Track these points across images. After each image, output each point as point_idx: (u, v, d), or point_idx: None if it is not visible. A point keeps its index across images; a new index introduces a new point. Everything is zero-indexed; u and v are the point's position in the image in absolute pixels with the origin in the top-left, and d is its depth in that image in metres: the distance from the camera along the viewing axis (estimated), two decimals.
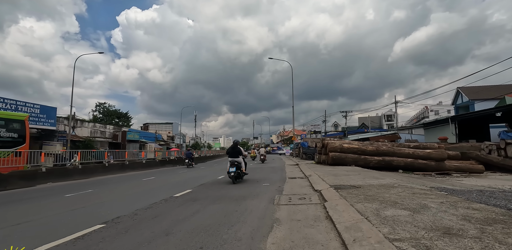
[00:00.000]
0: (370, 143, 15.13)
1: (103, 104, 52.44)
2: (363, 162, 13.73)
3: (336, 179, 7.86)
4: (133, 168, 17.15)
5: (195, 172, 15.07)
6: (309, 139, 26.69)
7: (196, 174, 13.93)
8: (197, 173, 14.68)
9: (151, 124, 60.18)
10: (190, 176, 12.51)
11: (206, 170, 17.01)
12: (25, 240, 3.39)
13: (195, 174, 13.49)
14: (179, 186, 8.70)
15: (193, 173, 14.69)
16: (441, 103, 68.89)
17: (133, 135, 39.89)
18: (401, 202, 4.25)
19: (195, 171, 16.40)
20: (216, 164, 24.20)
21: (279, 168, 15.17)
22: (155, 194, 7.14)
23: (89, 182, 10.95)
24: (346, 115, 47.91)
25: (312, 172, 10.62)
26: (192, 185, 8.67)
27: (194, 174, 13.91)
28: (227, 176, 9.37)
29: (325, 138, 16.79)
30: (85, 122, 34.34)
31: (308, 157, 23.95)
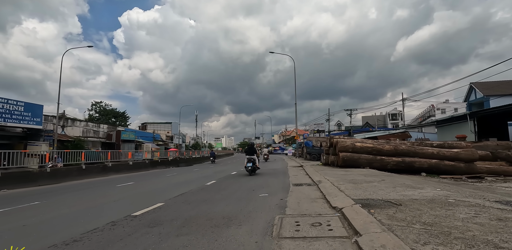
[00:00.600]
0: (386, 141, 13.12)
1: (99, 103, 50.70)
2: (379, 163, 11.71)
3: (357, 188, 5.86)
4: (117, 170, 15.24)
5: (184, 176, 13.12)
6: (313, 138, 24.67)
7: (184, 178, 11.97)
8: (187, 176, 12.74)
9: (150, 124, 58.37)
10: (174, 182, 10.54)
11: (198, 172, 15.03)
12: None
13: (181, 179, 11.53)
14: (151, 197, 6.75)
15: (181, 177, 12.73)
16: (447, 101, 66.78)
17: (128, 135, 38.06)
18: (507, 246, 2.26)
19: (188, 173, 14.47)
20: (212, 166, 22.23)
21: (281, 171, 13.18)
22: (109, 211, 5.19)
23: (51, 190, 9.03)
24: (351, 113, 45.84)
25: (321, 177, 8.63)
26: (169, 194, 6.71)
27: (181, 178, 11.95)
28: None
29: (334, 136, 14.79)
30: (76, 121, 32.53)
31: (313, 157, 21.94)
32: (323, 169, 11.69)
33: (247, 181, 9.08)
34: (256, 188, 7.36)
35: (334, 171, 10.70)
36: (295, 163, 20.00)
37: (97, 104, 50.31)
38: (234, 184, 8.36)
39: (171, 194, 6.84)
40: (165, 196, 6.53)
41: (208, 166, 21.08)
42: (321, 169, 12.03)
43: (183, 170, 17.56)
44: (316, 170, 11.22)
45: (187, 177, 12.12)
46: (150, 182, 10.72)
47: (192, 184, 8.79)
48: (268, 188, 7.19)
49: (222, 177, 10.64)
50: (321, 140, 23.35)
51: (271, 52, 30.12)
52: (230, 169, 16.15)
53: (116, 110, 51.70)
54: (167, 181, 10.60)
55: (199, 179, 10.54)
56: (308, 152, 22.31)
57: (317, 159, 21.83)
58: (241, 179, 9.82)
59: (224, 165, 22.00)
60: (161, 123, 60.30)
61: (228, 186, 7.86)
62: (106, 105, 51.29)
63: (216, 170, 15.44)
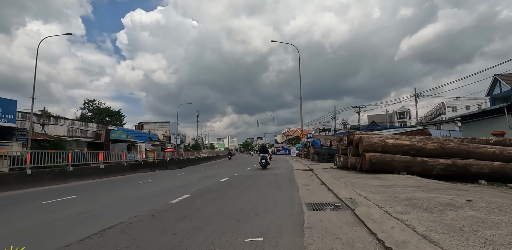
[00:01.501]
0: (425, 138, 9.84)
1: (93, 102, 47.85)
2: (421, 167, 8.47)
3: (453, 227, 2.66)
4: (81, 176, 12.14)
5: (157, 185, 9.93)
6: (322, 137, 21.41)
7: (150, 190, 8.78)
8: (158, 186, 9.57)
9: (146, 123, 55.44)
10: (129, 196, 7.23)
11: (179, 179, 11.85)
12: None
13: (145, 191, 8.24)
14: (81, 224, 3.62)
15: (151, 186, 9.52)
16: (458, 99, 63.31)
17: (119, 135, 35.02)
18: None
19: (165, 181, 11.32)
20: (204, 169, 19.07)
21: (286, 177, 9.96)
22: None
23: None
24: (359, 110, 42.49)
25: (349, 190, 5.44)
26: (113, 219, 3.58)
27: (148, 189, 8.70)
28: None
29: (354, 131, 11.51)
30: (60, 119, 29.63)
31: (322, 158, 18.70)
32: (343, 175, 8.47)
33: (232, 199, 5.90)
34: (242, 215, 4.15)
35: (361, 178, 7.48)
36: (302, 165, 16.77)
37: (90, 102, 47.47)
38: (210, 204, 5.17)
39: (118, 217, 3.68)
40: (107, 221, 3.36)
41: (199, 169, 17.91)
42: (341, 175, 8.80)
43: (166, 175, 14.42)
44: (335, 177, 8.00)
45: (157, 187, 8.85)
46: (106, 194, 7.55)
47: (150, 203, 5.60)
48: (264, 218, 3.97)
49: (201, 189, 7.45)
50: (331, 138, 20.14)
51: (273, 41, 26.97)
52: (222, 173, 13.02)
53: (110, 109, 48.83)
54: (122, 195, 7.38)
55: (170, 192, 7.33)
56: (316, 152, 19.09)
57: (327, 160, 18.61)
58: (224, 193, 6.65)
59: (219, 168, 18.84)
60: (158, 122, 57.32)
61: (197, 211, 4.66)
62: (100, 104, 48.46)
63: (204, 176, 12.31)
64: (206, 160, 32.41)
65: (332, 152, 18.66)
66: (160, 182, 10.15)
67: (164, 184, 9.58)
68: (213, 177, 11.22)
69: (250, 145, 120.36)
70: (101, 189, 8.80)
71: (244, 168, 15.99)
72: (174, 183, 9.34)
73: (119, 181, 11.15)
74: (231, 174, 12.24)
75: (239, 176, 11.22)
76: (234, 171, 14.41)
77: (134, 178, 12.48)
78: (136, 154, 25.20)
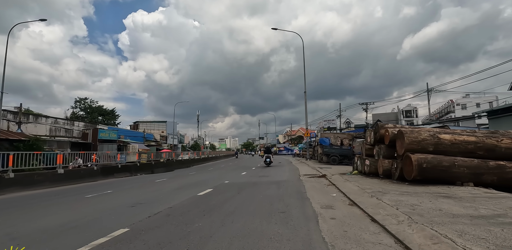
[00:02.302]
0: (492, 132, 6.89)
1: (84, 100, 45.16)
2: (497, 175, 5.56)
3: None
4: (25, 184, 9.33)
5: (104, 200, 7.06)
6: (331, 135, 18.46)
7: (95, 207, 5.89)
8: (114, 201, 6.70)
9: (142, 123, 52.71)
10: (25, 232, 4.46)
11: (150, 189, 8.96)
12: None
13: (78, 215, 5.41)
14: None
15: (102, 200, 6.65)
16: (468, 96, 60.15)
17: (109, 134, 32.30)
18: None
19: (132, 191, 8.46)
20: (193, 173, 16.22)
21: (293, 191, 6.91)
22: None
23: None
24: (367, 108, 39.58)
25: (432, 234, 2.57)
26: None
27: (93, 207, 5.84)
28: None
29: (385, 124, 8.49)
30: (41, 118, 26.92)
31: (332, 160, 15.78)
32: (379, 188, 5.56)
33: (208, 235, 3.01)
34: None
35: (413, 195, 4.58)
36: (310, 169, 13.87)
37: (81, 100, 44.76)
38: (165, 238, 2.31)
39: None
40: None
41: (187, 173, 15.02)
42: (374, 187, 5.88)
43: (140, 182, 11.55)
44: (369, 192, 5.09)
45: (93, 208, 5.90)
46: (29, 216, 4.72)
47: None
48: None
49: (156, 215, 4.53)
50: (342, 136, 17.26)
51: (274, 29, 24.09)
52: (210, 180, 10.18)
53: (103, 107, 46.10)
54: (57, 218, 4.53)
55: (97, 222, 4.42)
56: (326, 152, 16.18)
57: (338, 162, 15.71)
58: (187, 226, 3.75)
59: (211, 171, 15.97)
60: (154, 122, 54.59)
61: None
62: (92, 102, 45.75)
63: (185, 184, 9.45)
64: (202, 162, 29.56)
65: (345, 153, 15.76)
66: (115, 196, 7.26)
67: (117, 200, 6.69)
68: (195, 186, 8.36)
69: (251, 145, 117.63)
70: (30, 208, 5.95)
71: (239, 172, 13.12)
72: (133, 199, 6.45)
73: (60, 193, 8.24)
74: (220, 181, 9.40)
75: (229, 184, 8.37)
76: (226, 176, 11.58)
77: (93, 187, 9.59)
78: (128, 155, 22.53)
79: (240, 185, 8.21)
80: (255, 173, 12.28)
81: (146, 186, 9.20)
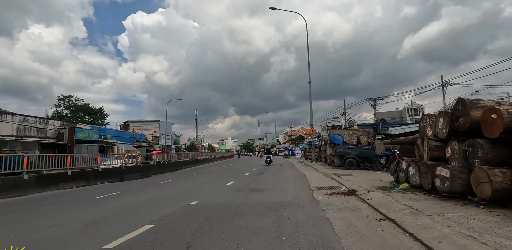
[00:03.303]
0: None
1: (69, 98, 41.37)
2: None
3: None
4: None
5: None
6: (345, 131, 14.65)
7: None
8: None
9: (133, 122, 48.98)
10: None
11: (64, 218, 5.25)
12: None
13: None
14: None
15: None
16: (477, 93, 56.61)
17: (88, 134, 28.60)
18: None
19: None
20: (170, 180, 12.52)
21: (315, 243, 3.27)
22: None
23: None
24: (375, 104, 35.89)
25: None
26: None
27: None
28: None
29: (479, 101, 4.82)
30: (5, 115, 23.26)
31: (349, 163, 12.02)
32: None
33: None
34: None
35: None
36: (321, 176, 10.13)
37: (65, 98, 40.96)
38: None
39: None
40: None
41: (156, 183, 11.19)
42: None
43: (68, 198, 7.84)
44: None
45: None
46: None
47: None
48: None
49: None
50: (359, 133, 13.52)
51: (272, 8, 20.42)
52: (171, 198, 6.44)
53: (89, 106, 42.36)
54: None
55: None
56: (339, 153, 12.38)
57: (356, 166, 11.99)
58: None
59: (191, 179, 12.25)
60: (146, 121, 50.88)
61: None
62: (77, 100, 42.02)
63: (123, 207, 5.68)
64: (191, 164, 25.82)
65: (365, 154, 12.04)
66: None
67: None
68: (133, 214, 4.66)
69: (251, 146, 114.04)
70: None
71: (225, 182, 9.38)
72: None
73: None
74: (186, 201, 5.70)
75: (191, 212, 4.68)
76: (203, 189, 7.86)
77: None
78: (111, 157, 19.00)
79: (211, 213, 4.50)
80: (246, 184, 8.57)
81: (48, 214, 5.45)
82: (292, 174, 11.45)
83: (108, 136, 36.71)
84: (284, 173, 12.30)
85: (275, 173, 12.41)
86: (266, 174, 11.98)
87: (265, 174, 12.25)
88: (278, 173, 12.41)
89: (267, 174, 12.21)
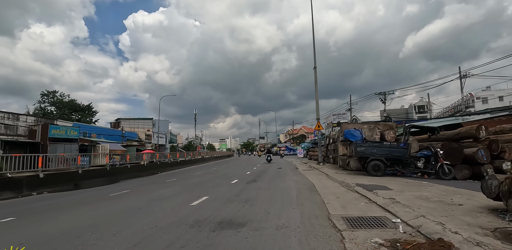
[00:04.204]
0: None
1: (53, 93, 38.03)
2: None
3: None
4: None
5: None
6: (364, 125, 11.11)
7: None
8: None
9: (124, 120, 45.73)
10: None
11: None
12: None
13: None
14: None
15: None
16: (489, 89, 53.19)
17: (66, 131, 25.30)
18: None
19: None
20: (128, 190, 9.18)
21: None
22: None
23: None
24: (385, 98, 32.52)
25: None
26: None
27: None
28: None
29: None
30: None
31: (374, 167, 8.60)
32: None
33: None
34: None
35: None
36: (339, 188, 6.74)
37: (49, 94, 37.61)
38: None
39: None
40: None
41: (104, 196, 7.86)
42: None
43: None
44: None
45: None
46: None
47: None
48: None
49: None
50: (384, 128, 10.15)
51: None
52: (106, 226, 3.18)
53: (75, 102, 39.04)
54: None
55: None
56: (360, 153, 8.82)
57: (383, 172, 8.61)
58: None
59: (154, 190, 8.90)
60: (139, 119, 47.61)
61: None
62: (63, 96, 38.71)
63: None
64: (180, 166, 22.57)
65: (396, 154, 8.63)
66: None
67: None
68: None
69: (251, 145, 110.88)
70: None
71: (192, 199, 5.97)
72: None
73: None
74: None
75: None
76: (136, 222, 4.49)
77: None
78: (96, 157, 16.16)
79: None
80: (222, 204, 5.23)
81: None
82: (295, 184, 8.09)
83: (94, 134, 33.51)
84: (284, 181, 8.93)
85: (271, 181, 9.07)
86: (259, 183, 8.63)
87: (258, 182, 8.91)
88: (275, 181, 9.05)
89: (261, 182, 8.87)
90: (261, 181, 9.05)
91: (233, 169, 16.54)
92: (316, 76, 15.67)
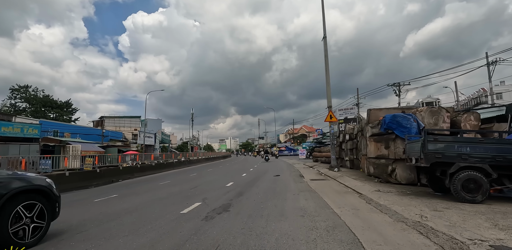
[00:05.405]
0: None
1: (26, 88, 33.52)
2: None
3: None
4: None
5: None
6: (423, 110, 6.53)
7: None
8: None
9: (109, 118, 41.27)
10: None
11: None
12: None
13: None
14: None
15: None
16: (503, 84, 48.62)
17: (21, 129, 20.85)
18: None
19: None
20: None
21: None
22: None
23: None
24: (399, 90, 28.15)
25: None
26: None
27: None
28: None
29: None
30: None
31: (469, 186, 4.11)
32: None
33: None
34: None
35: None
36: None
37: (20, 89, 33.07)
38: None
39: None
40: None
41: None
42: None
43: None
44: None
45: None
46: None
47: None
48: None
49: None
50: (453, 113, 5.76)
51: None
52: None
53: (50, 98, 34.49)
54: None
55: None
56: (437, 155, 4.28)
57: (483, 194, 4.16)
58: None
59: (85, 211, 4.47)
60: (125, 117, 43.17)
61: None
62: (37, 91, 34.21)
63: None
64: (163, 169, 18.26)
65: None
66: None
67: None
68: None
69: (250, 145, 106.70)
70: None
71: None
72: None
73: None
74: None
75: None
76: None
77: None
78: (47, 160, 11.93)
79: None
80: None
81: None
82: (306, 229, 3.64)
83: (67, 133, 29.06)
84: (282, 214, 4.41)
85: (255, 210, 4.60)
86: (230, 217, 4.19)
87: (231, 212, 4.45)
88: (264, 210, 4.59)
89: (234, 214, 4.42)
90: (238, 210, 4.59)
91: (214, 177, 12.07)
92: (326, 49, 11.26)
